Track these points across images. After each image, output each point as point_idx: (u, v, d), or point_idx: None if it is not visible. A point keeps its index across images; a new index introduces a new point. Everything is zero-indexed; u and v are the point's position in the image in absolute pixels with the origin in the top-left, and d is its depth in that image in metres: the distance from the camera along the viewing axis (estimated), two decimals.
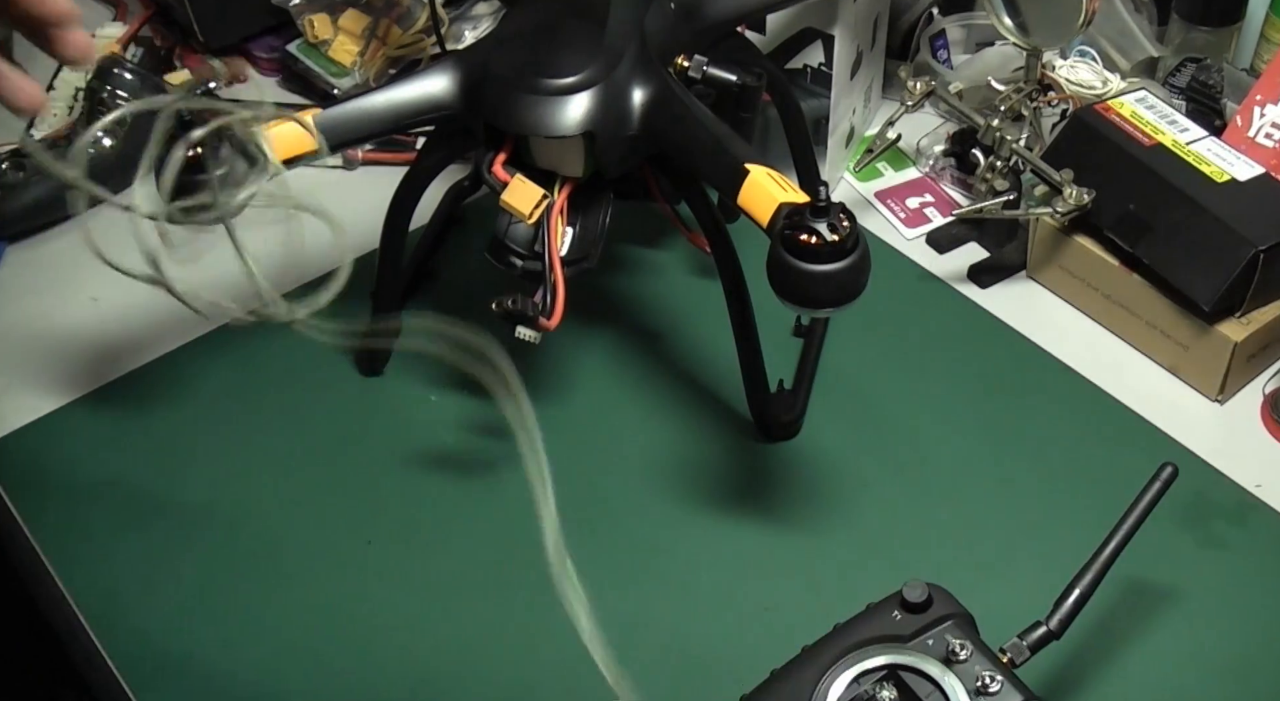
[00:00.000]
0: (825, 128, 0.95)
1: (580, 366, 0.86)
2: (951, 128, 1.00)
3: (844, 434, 0.82)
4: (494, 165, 0.71)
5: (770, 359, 0.79)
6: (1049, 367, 0.86)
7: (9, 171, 0.96)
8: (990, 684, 0.54)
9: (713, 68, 0.75)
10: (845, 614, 0.59)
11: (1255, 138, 0.88)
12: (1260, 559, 0.74)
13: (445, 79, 0.73)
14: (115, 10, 1.18)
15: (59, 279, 0.95)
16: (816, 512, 0.78)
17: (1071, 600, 0.60)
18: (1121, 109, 0.88)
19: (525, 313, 0.69)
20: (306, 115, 0.71)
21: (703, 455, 0.81)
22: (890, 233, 0.96)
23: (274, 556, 0.77)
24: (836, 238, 0.60)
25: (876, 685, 0.55)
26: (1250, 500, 0.77)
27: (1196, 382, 0.84)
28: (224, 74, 1.11)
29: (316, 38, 1.07)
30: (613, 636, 0.72)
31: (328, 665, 0.72)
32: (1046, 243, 0.89)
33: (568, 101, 0.68)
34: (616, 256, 0.94)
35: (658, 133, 0.70)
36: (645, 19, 0.73)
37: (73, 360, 0.89)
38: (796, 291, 0.62)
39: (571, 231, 0.73)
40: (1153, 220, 0.82)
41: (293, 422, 0.84)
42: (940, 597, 0.58)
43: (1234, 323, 0.81)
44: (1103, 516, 0.62)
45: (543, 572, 0.76)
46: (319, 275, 0.75)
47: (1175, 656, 0.70)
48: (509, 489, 0.80)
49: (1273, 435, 0.81)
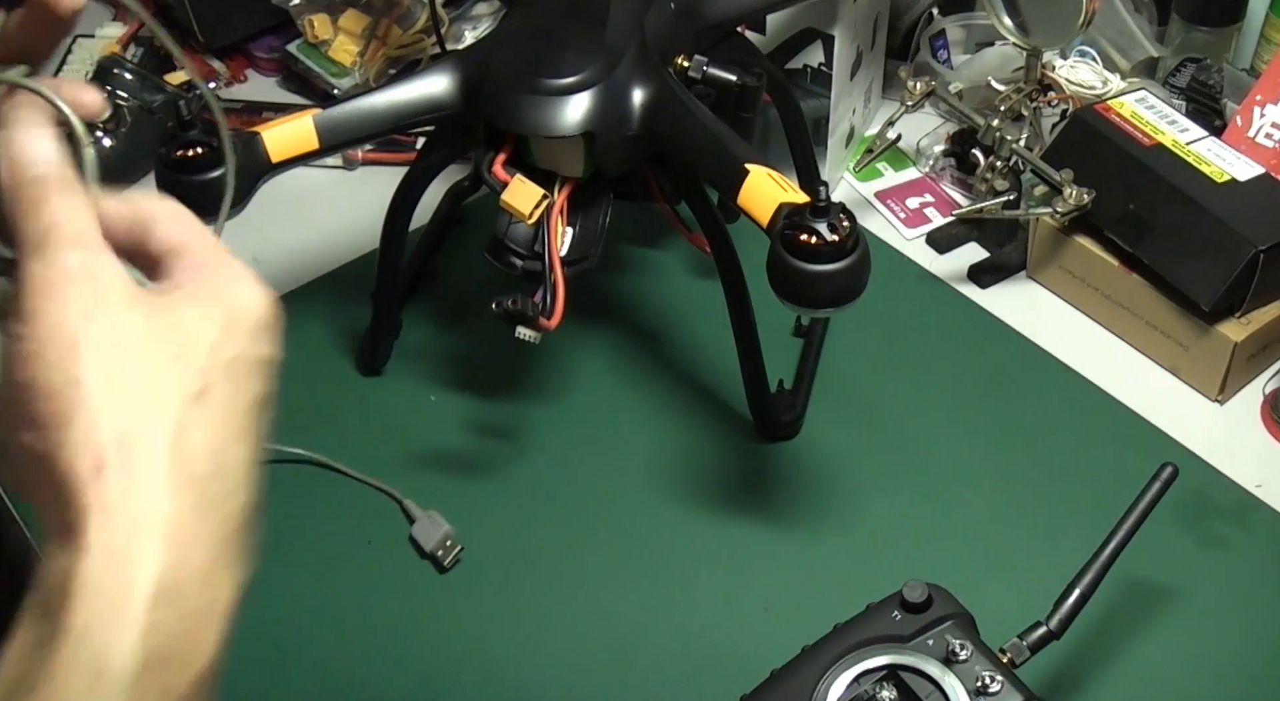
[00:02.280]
0: (825, 128, 0.95)
1: (580, 366, 0.86)
2: (951, 128, 1.00)
3: (844, 434, 0.82)
4: (494, 165, 0.71)
5: (770, 359, 0.79)
6: (1049, 368, 0.86)
7: None
8: (990, 684, 0.54)
9: (713, 68, 0.75)
10: (845, 614, 0.59)
11: (1255, 138, 0.88)
12: (1260, 559, 0.74)
13: (445, 79, 0.73)
14: (115, 10, 1.18)
15: None
16: (816, 512, 0.78)
17: (1071, 600, 0.60)
18: (1121, 109, 0.88)
19: (525, 313, 0.69)
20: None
21: (703, 455, 0.81)
22: (890, 233, 0.96)
23: (273, 556, 0.76)
24: (836, 238, 0.60)
25: (876, 685, 0.55)
26: (1250, 500, 0.77)
27: (1196, 382, 0.84)
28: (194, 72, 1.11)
29: (316, 38, 1.07)
30: (613, 636, 0.73)
31: (327, 665, 0.72)
32: (1046, 243, 0.89)
33: (568, 101, 0.68)
34: (616, 256, 0.94)
35: (658, 133, 0.70)
36: (645, 19, 0.73)
37: None
38: (796, 291, 0.62)
39: (571, 231, 0.73)
40: (1153, 220, 0.82)
41: (292, 422, 0.84)
42: (940, 597, 0.58)
43: (1234, 323, 0.81)
44: (1103, 516, 0.62)
45: (542, 572, 0.77)
46: None
47: (1175, 656, 0.70)
48: (509, 488, 0.80)
49: (1273, 435, 0.81)
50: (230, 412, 0.38)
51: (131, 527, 0.34)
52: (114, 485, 0.34)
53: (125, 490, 0.35)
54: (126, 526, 0.34)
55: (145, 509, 0.35)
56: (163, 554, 0.35)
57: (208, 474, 0.36)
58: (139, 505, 0.35)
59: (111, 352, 0.36)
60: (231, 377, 0.38)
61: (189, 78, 1.02)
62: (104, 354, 0.36)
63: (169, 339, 0.37)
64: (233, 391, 0.38)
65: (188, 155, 0.68)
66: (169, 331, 0.37)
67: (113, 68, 1.01)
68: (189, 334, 0.37)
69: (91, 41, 1.13)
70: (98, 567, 0.34)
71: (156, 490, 0.35)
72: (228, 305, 0.39)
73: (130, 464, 0.35)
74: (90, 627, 0.33)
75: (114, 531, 0.34)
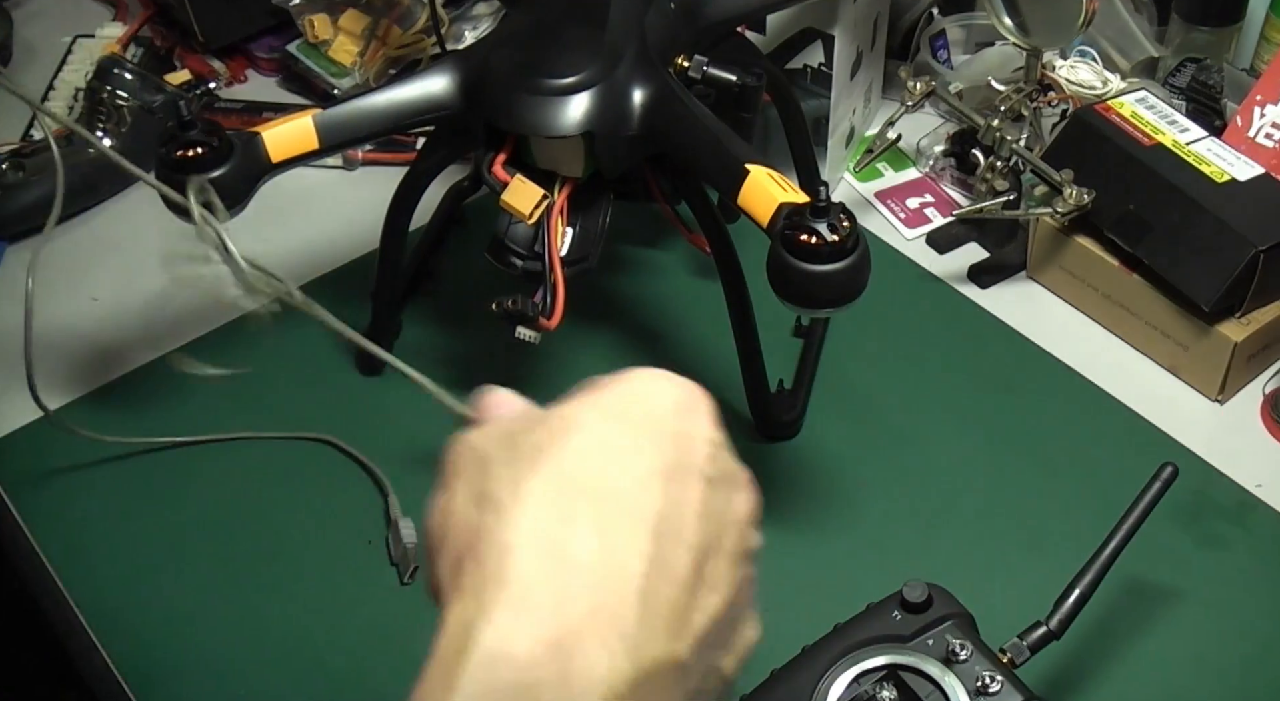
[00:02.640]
0: (825, 128, 0.95)
1: (580, 366, 0.86)
2: (951, 128, 1.00)
3: (844, 434, 0.82)
4: (494, 165, 0.71)
5: (770, 359, 0.79)
6: (1049, 368, 0.86)
7: (9, 171, 0.96)
8: (990, 684, 0.54)
9: (713, 68, 0.75)
10: (845, 614, 0.59)
11: (1255, 138, 0.88)
12: (1260, 559, 0.74)
13: (445, 79, 0.73)
14: (115, 10, 1.18)
15: (59, 279, 0.95)
16: (816, 512, 0.78)
17: (1071, 600, 0.60)
18: (1121, 109, 0.88)
19: (525, 313, 0.69)
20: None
21: None
22: (890, 233, 0.96)
23: (274, 556, 0.77)
24: (836, 238, 0.60)
25: (876, 685, 0.55)
26: (1250, 500, 0.77)
27: (1196, 382, 0.84)
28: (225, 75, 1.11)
29: (316, 38, 1.07)
30: None
31: (327, 665, 0.72)
32: (1046, 243, 0.89)
33: (568, 101, 0.68)
34: (616, 256, 0.94)
35: (658, 133, 0.70)
36: (645, 19, 0.73)
37: (73, 360, 0.89)
38: (796, 291, 0.62)
39: (571, 231, 0.73)
40: (1153, 220, 0.82)
41: (293, 422, 0.84)
42: (940, 597, 0.58)
43: (1234, 323, 0.81)
44: (1103, 516, 0.62)
45: None
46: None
47: (1175, 656, 0.70)
48: None
49: (1273, 435, 0.81)
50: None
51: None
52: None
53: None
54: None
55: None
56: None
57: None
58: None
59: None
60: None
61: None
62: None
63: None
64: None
65: (188, 155, 0.68)
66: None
67: (113, 68, 1.01)
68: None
69: (91, 41, 1.13)
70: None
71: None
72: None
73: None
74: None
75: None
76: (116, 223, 1.00)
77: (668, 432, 0.37)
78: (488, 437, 0.37)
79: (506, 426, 0.38)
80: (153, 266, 0.95)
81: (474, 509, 0.35)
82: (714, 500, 0.37)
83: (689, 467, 0.37)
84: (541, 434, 0.36)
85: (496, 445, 0.37)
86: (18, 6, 1.20)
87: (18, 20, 1.18)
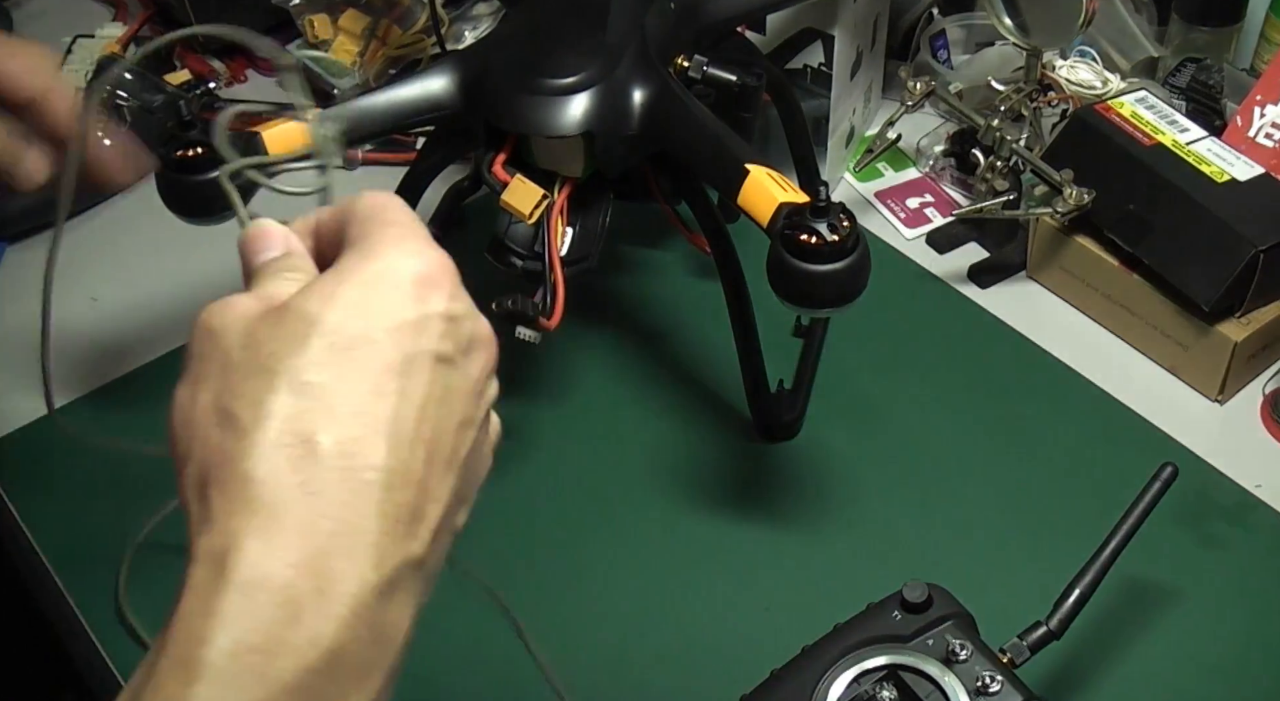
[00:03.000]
0: (825, 128, 0.95)
1: (580, 366, 0.86)
2: (951, 128, 1.00)
3: (844, 434, 0.82)
4: (494, 165, 0.71)
5: (770, 359, 0.79)
6: (1049, 368, 0.86)
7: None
8: (990, 684, 0.54)
9: (713, 68, 0.75)
10: (845, 614, 0.59)
11: (1255, 138, 0.88)
12: (1260, 559, 0.74)
13: (445, 79, 0.73)
14: (115, 10, 1.18)
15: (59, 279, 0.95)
16: (816, 512, 0.78)
17: (1071, 600, 0.60)
18: (1121, 109, 0.88)
19: (525, 313, 0.69)
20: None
21: (703, 455, 0.81)
22: (890, 233, 0.96)
23: None
24: (836, 238, 0.60)
25: (876, 685, 0.55)
26: (1250, 500, 0.77)
27: (1196, 382, 0.84)
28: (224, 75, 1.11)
29: (316, 38, 1.07)
30: (613, 636, 0.73)
31: None
32: (1046, 242, 0.89)
33: (568, 101, 0.68)
34: (616, 256, 0.94)
35: (658, 133, 0.70)
36: (645, 19, 0.73)
37: (73, 360, 0.88)
38: (796, 291, 0.62)
39: (571, 231, 0.73)
40: (1153, 220, 0.82)
41: None
42: (940, 597, 0.58)
43: (1234, 323, 0.81)
44: (1103, 516, 0.62)
45: (541, 571, 0.77)
46: None
47: (1175, 656, 0.70)
48: (510, 487, 0.80)
49: (1273, 435, 0.81)
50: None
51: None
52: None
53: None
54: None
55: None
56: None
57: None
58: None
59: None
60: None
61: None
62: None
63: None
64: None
65: (188, 155, 0.68)
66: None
67: (113, 68, 1.01)
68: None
69: (91, 41, 1.13)
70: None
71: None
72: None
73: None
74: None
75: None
76: (116, 223, 1.00)
77: (406, 321, 0.39)
78: (233, 331, 0.39)
79: (250, 324, 0.39)
80: (153, 266, 0.96)
81: (216, 427, 0.37)
82: (447, 378, 0.39)
83: (421, 354, 0.39)
84: (281, 339, 0.38)
85: (240, 346, 0.38)
86: (18, 6, 1.20)
87: (18, 20, 1.18)
